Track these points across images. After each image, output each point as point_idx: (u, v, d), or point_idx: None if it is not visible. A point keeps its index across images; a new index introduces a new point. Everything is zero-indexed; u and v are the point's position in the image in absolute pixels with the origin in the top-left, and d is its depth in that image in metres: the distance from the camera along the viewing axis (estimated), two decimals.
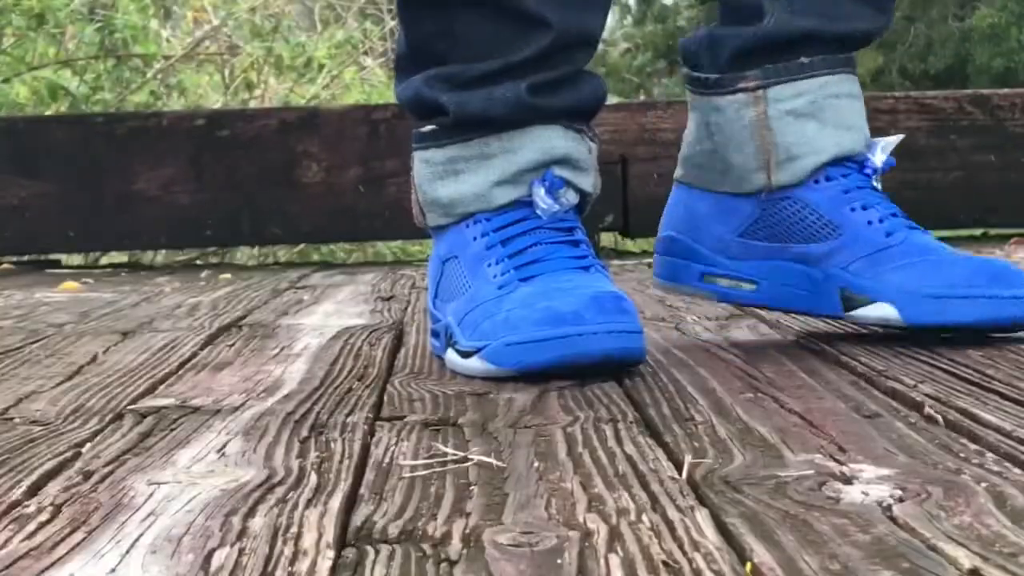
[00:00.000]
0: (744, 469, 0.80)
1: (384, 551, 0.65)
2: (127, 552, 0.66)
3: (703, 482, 0.77)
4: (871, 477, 0.77)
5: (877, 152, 1.38)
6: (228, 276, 2.79)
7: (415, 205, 1.37)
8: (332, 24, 6.17)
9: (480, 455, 0.86)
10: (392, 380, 1.21)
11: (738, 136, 1.37)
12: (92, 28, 4.95)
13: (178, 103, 5.30)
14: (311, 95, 5.56)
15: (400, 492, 0.77)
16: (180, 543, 0.67)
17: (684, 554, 0.63)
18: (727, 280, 1.41)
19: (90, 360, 1.39)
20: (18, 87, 4.93)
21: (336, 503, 0.74)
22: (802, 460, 0.82)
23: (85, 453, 0.90)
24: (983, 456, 0.82)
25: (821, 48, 1.37)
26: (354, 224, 3.23)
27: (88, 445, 0.93)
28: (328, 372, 1.26)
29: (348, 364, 1.31)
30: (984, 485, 0.74)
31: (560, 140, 1.30)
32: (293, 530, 0.69)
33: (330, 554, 0.65)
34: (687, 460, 0.82)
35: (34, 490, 0.80)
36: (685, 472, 0.80)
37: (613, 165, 3.12)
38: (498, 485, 0.78)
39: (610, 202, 3.12)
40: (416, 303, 1.96)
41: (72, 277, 2.77)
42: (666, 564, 0.62)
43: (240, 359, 1.38)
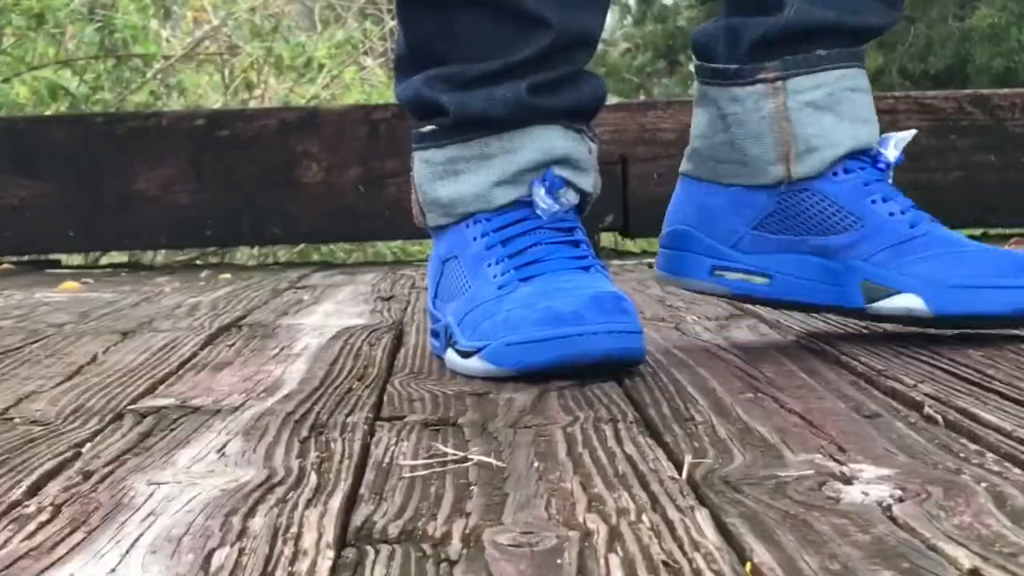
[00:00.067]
0: (744, 469, 0.80)
1: (384, 551, 0.65)
2: (127, 552, 0.66)
3: (703, 482, 0.77)
4: (871, 477, 0.77)
5: (890, 147, 1.37)
6: (228, 276, 2.79)
7: (415, 205, 1.37)
8: (332, 24, 6.17)
9: (480, 455, 0.86)
10: (392, 380, 1.21)
11: (757, 127, 1.36)
12: (92, 28, 4.95)
13: (178, 103, 5.30)
14: (311, 95, 5.56)
15: (400, 492, 0.77)
16: (180, 543, 0.67)
17: (684, 554, 0.63)
18: (738, 274, 1.38)
19: (90, 360, 1.39)
20: (18, 87, 4.93)
21: (336, 503, 0.74)
22: (802, 460, 0.82)
23: (85, 453, 0.90)
24: (983, 456, 0.82)
25: (837, 41, 1.36)
26: (354, 224, 3.23)
27: (88, 445, 0.93)
28: (328, 372, 1.26)
29: (348, 364, 1.31)
30: (984, 485, 0.74)
31: (560, 140, 1.30)
32: (293, 530, 0.69)
33: (330, 554, 0.65)
34: (687, 460, 0.82)
35: (34, 490, 0.80)
36: (685, 472, 0.80)
37: (613, 165, 3.12)
38: (498, 485, 0.78)
39: (610, 202, 3.12)
40: (416, 303, 1.96)
41: (72, 277, 2.77)
42: (666, 564, 0.62)
43: (240, 359, 1.38)
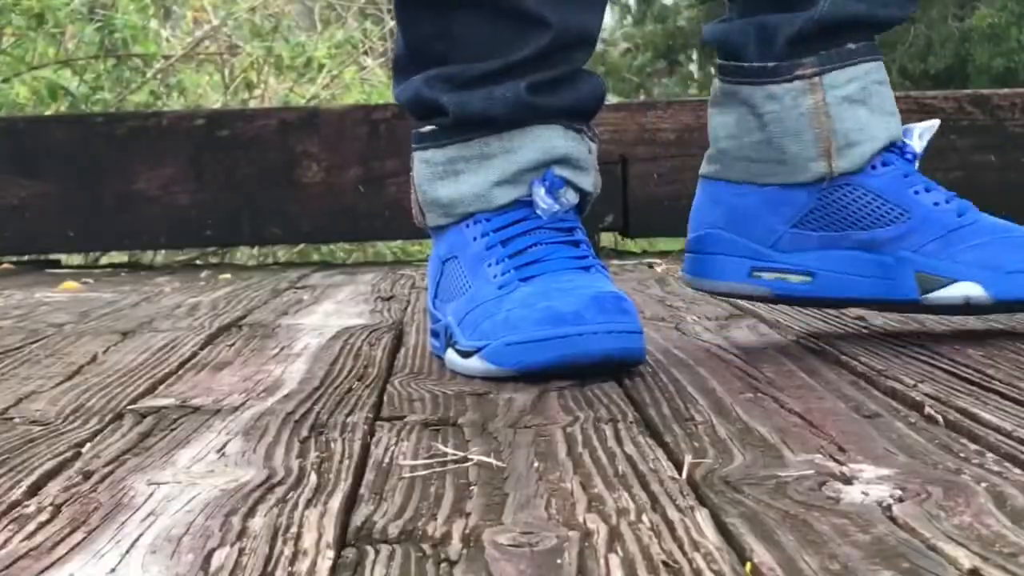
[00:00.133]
0: (744, 469, 0.80)
1: (384, 551, 0.65)
2: (127, 552, 0.66)
3: (703, 482, 0.77)
4: (871, 477, 0.77)
5: (914, 138, 1.37)
6: (228, 276, 2.79)
7: (415, 205, 1.37)
8: (332, 24, 6.17)
9: (480, 455, 0.86)
10: (392, 380, 1.21)
11: (795, 124, 1.34)
12: (92, 28, 4.95)
13: (178, 103, 5.30)
14: (311, 95, 5.55)
15: (400, 492, 0.77)
16: (180, 543, 0.67)
17: (684, 554, 0.63)
18: (776, 273, 1.36)
19: (90, 360, 1.39)
20: (18, 87, 4.92)
21: (336, 503, 0.74)
22: (802, 460, 0.82)
23: (85, 453, 0.90)
24: (983, 456, 0.82)
25: (864, 34, 1.36)
26: (354, 224, 3.23)
27: (88, 445, 0.93)
28: (328, 372, 1.26)
29: (348, 364, 1.31)
30: (984, 485, 0.74)
31: (560, 140, 1.30)
32: (293, 530, 0.69)
33: (330, 554, 0.65)
34: (687, 460, 0.82)
35: (34, 490, 0.80)
36: (685, 472, 0.80)
37: (613, 165, 3.12)
38: (498, 485, 0.78)
39: (610, 202, 3.11)
40: (416, 303, 1.96)
41: (72, 277, 2.77)
42: (666, 564, 0.62)
43: (240, 359, 1.38)
